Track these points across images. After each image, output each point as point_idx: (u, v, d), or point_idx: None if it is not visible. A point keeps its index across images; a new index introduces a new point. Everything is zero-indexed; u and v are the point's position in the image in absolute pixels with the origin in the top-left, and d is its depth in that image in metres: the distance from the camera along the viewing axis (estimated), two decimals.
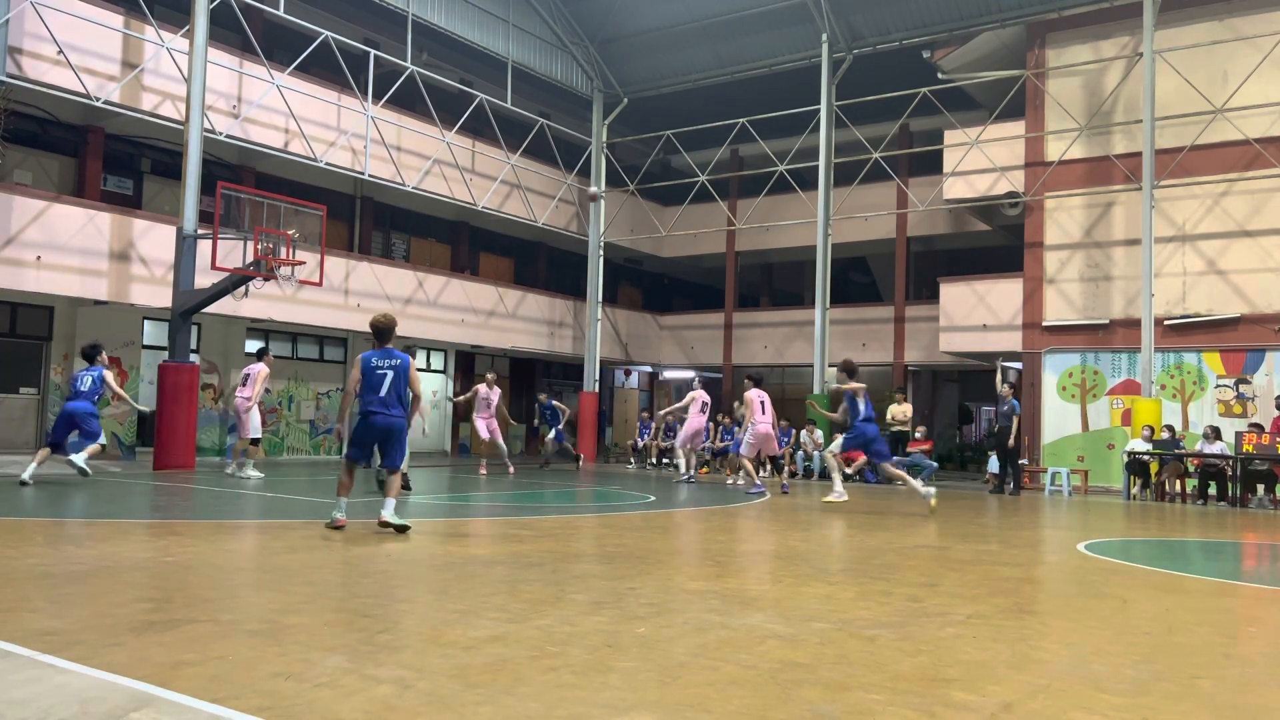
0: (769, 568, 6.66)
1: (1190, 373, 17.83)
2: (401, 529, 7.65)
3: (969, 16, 20.23)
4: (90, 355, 12.06)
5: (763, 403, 14.32)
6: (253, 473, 13.48)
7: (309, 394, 21.20)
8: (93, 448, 11.63)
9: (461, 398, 17.95)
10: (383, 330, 7.87)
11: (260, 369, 13.78)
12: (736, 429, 21.67)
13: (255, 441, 13.82)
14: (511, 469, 16.90)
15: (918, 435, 19.52)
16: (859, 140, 21.68)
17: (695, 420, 16.53)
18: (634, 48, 24.21)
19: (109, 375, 11.91)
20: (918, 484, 12.23)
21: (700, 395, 16.49)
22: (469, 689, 3.41)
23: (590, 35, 24.17)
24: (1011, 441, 16.01)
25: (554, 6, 23.53)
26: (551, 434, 19.86)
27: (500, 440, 16.62)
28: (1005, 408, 16.19)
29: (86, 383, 11.74)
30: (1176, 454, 15.82)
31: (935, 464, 19.17)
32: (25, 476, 11.26)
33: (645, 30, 23.58)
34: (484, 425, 16.50)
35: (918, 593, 5.78)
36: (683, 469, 17.11)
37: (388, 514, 7.69)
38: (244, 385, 13.84)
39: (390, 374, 7.70)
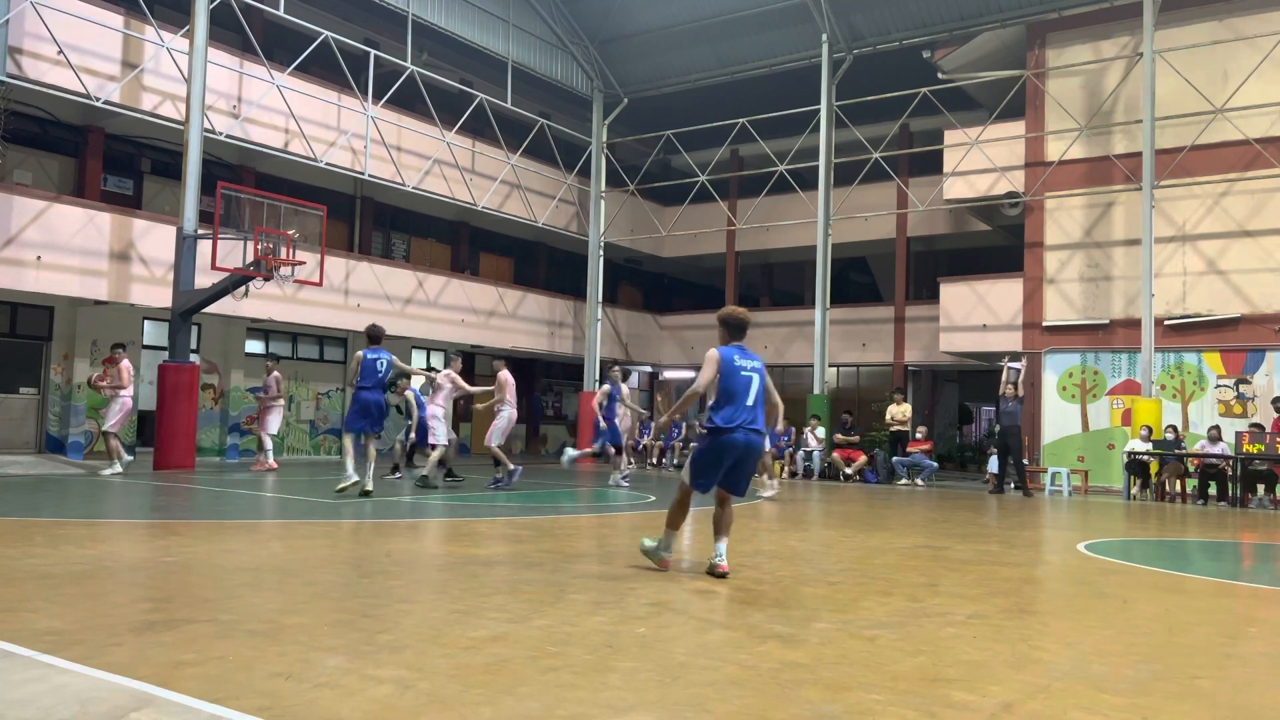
0: (769, 568, 6.66)
1: (1190, 373, 17.83)
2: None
3: (969, 16, 20.23)
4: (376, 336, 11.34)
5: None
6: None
7: (309, 394, 21.19)
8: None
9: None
10: (738, 325, 6.50)
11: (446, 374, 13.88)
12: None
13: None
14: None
15: (918, 435, 19.52)
16: (859, 140, 21.68)
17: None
18: (634, 48, 24.21)
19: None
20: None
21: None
22: (469, 689, 3.41)
23: (590, 35, 24.17)
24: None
25: (554, 6, 23.53)
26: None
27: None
28: (1010, 407, 16.16)
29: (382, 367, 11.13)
30: (1176, 454, 15.82)
31: (935, 464, 19.18)
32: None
33: (645, 30, 23.58)
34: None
35: (918, 593, 5.78)
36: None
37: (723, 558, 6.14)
38: (433, 392, 14.00)
39: (756, 378, 6.27)
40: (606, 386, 14.91)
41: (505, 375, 13.36)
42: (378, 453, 11.58)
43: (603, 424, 14.68)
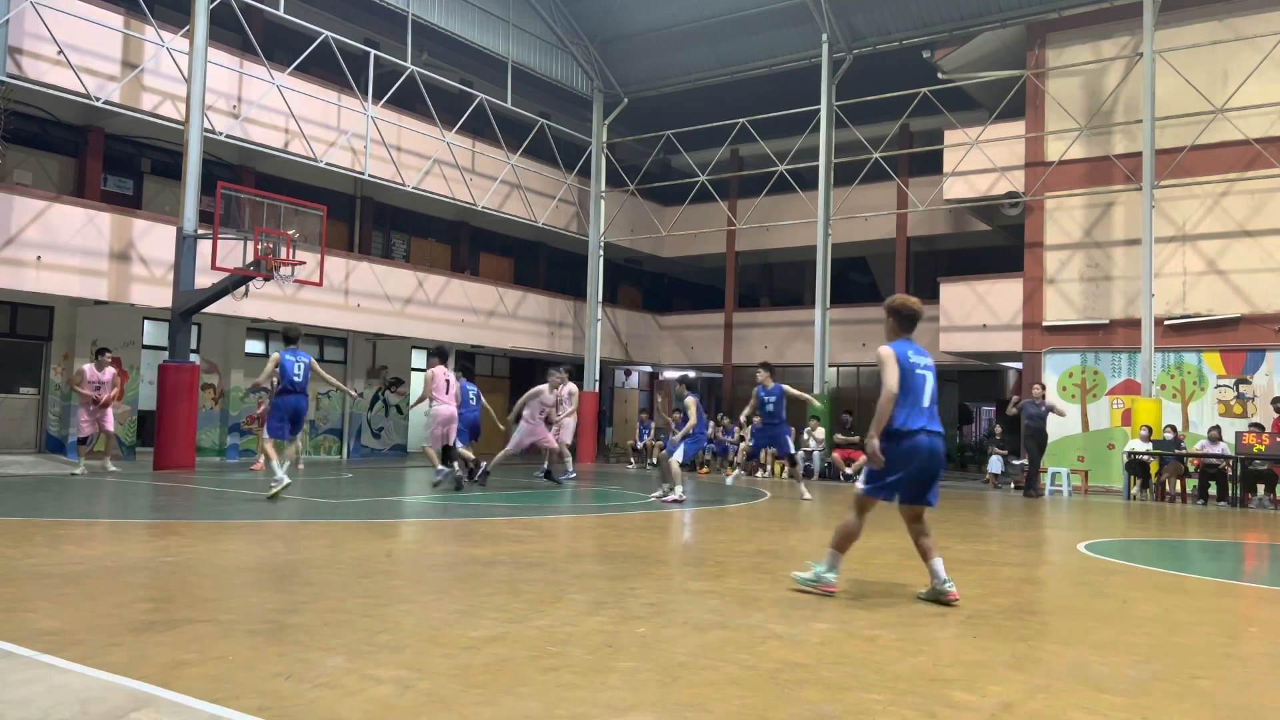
0: (769, 568, 6.66)
1: (1190, 373, 17.83)
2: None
3: (969, 16, 20.23)
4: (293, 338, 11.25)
5: (447, 381, 13.08)
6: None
7: (309, 394, 21.17)
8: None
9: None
10: (912, 316, 5.94)
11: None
12: (714, 427, 21.69)
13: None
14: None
15: None
16: (859, 140, 21.68)
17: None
18: (634, 48, 24.21)
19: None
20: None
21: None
22: (469, 689, 3.41)
23: (590, 35, 24.17)
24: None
25: (554, 6, 23.53)
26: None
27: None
28: (1043, 409, 15.92)
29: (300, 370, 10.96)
30: (1176, 454, 15.82)
31: None
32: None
33: (645, 30, 23.58)
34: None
35: (918, 592, 5.78)
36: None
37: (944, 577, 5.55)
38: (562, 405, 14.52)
39: (930, 376, 5.73)
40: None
41: (434, 370, 12.95)
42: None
43: (517, 424, 14.53)
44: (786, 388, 13.77)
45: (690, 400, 12.84)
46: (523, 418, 14.62)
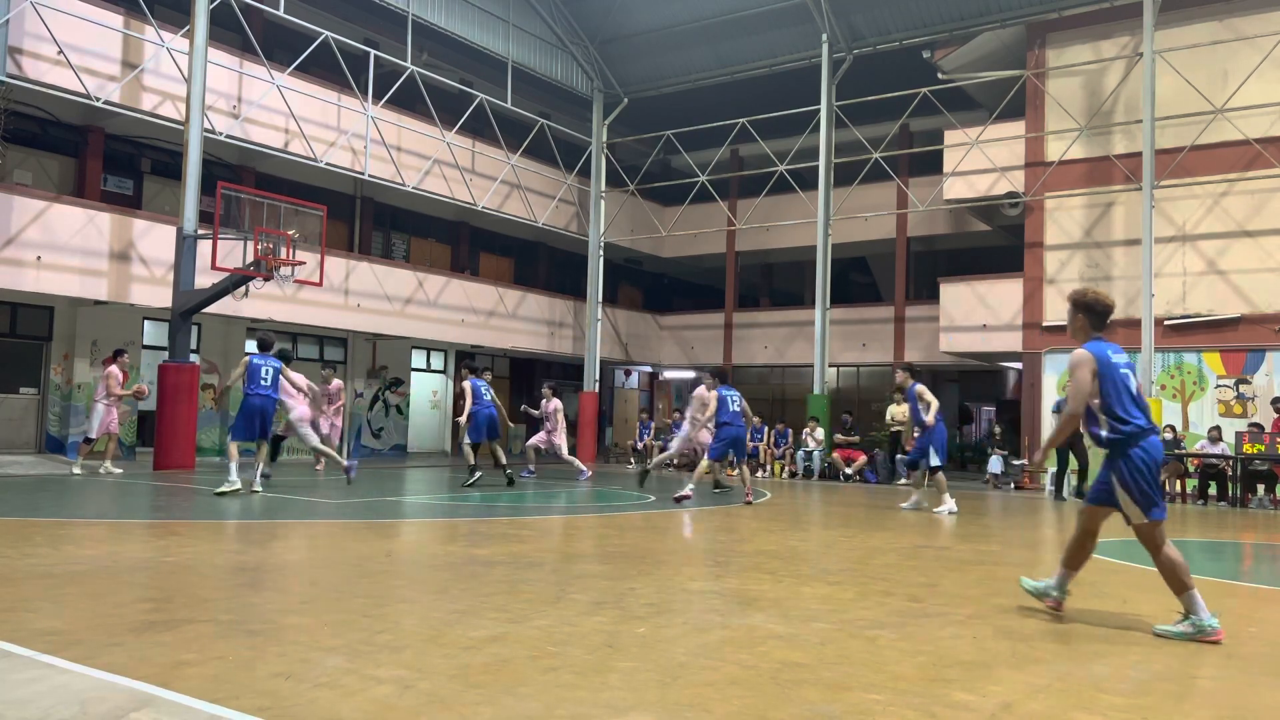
0: (769, 568, 6.66)
1: (1190, 373, 17.83)
2: None
3: (969, 16, 20.23)
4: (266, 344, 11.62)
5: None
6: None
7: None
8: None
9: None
10: (1106, 312, 5.23)
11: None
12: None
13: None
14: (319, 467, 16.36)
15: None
16: (859, 140, 21.68)
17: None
18: (634, 48, 24.21)
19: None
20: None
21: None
22: (469, 689, 3.41)
23: (590, 35, 24.17)
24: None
25: (554, 6, 23.53)
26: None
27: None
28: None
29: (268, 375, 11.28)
30: (1176, 454, 15.81)
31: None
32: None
33: (645, 30, 23.57)
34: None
35: (918, 593, 5.78)
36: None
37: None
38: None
39: (1131, 374, 5.17)
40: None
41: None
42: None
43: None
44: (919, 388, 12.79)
45: (712, 394, 12.92)
46: (685, 421, 15.39)
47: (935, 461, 12.00)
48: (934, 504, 12.06)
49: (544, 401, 16.65)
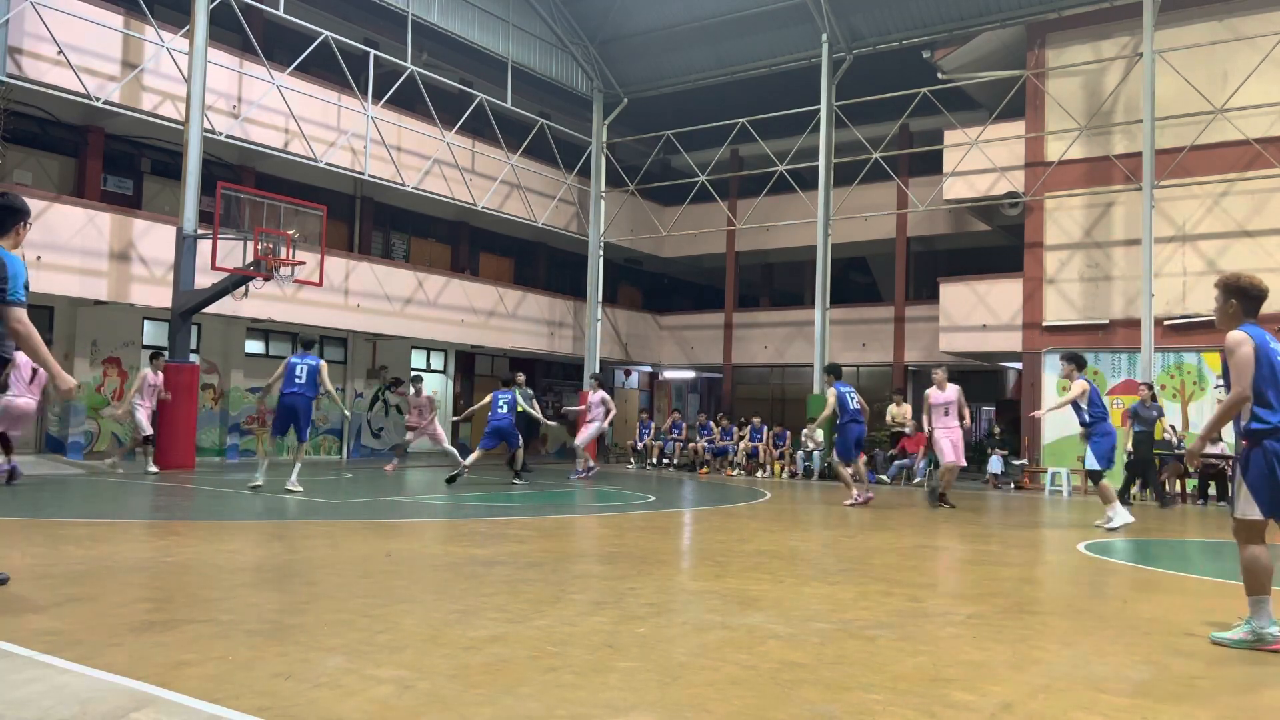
0: (769, 568, 6.66)
1: (1190, 373, 17.83)
2: None
3: (969, 16, 20.22)
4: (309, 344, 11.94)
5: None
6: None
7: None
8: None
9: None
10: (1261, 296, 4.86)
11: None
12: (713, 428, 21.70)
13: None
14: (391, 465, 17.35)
15: (906, 431, 19.51)
16: (859, 140, 21.67)
17: None
18: (634, 48, 24.21)
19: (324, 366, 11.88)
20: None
21: None
22: (469, 689, 3.41)
23: (590, 35, 24.17)
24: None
25: (554, 6, 23.53)
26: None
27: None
28: (1154, 412, 14.99)
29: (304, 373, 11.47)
30: (1176, 454, 15.81)
31: (922, 463, 19.10)
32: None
33: (645, 30, 23.57)
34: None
35: (918, 593, 5.78)
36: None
37: None
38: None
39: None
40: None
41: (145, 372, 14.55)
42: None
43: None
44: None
45: (830, 391, 13.03)
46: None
47: (1095, 466, 10.69)
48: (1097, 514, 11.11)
49: (590, 393, 17.35)
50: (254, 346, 20.20)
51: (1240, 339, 4.64)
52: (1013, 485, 18.39)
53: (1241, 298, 4.83)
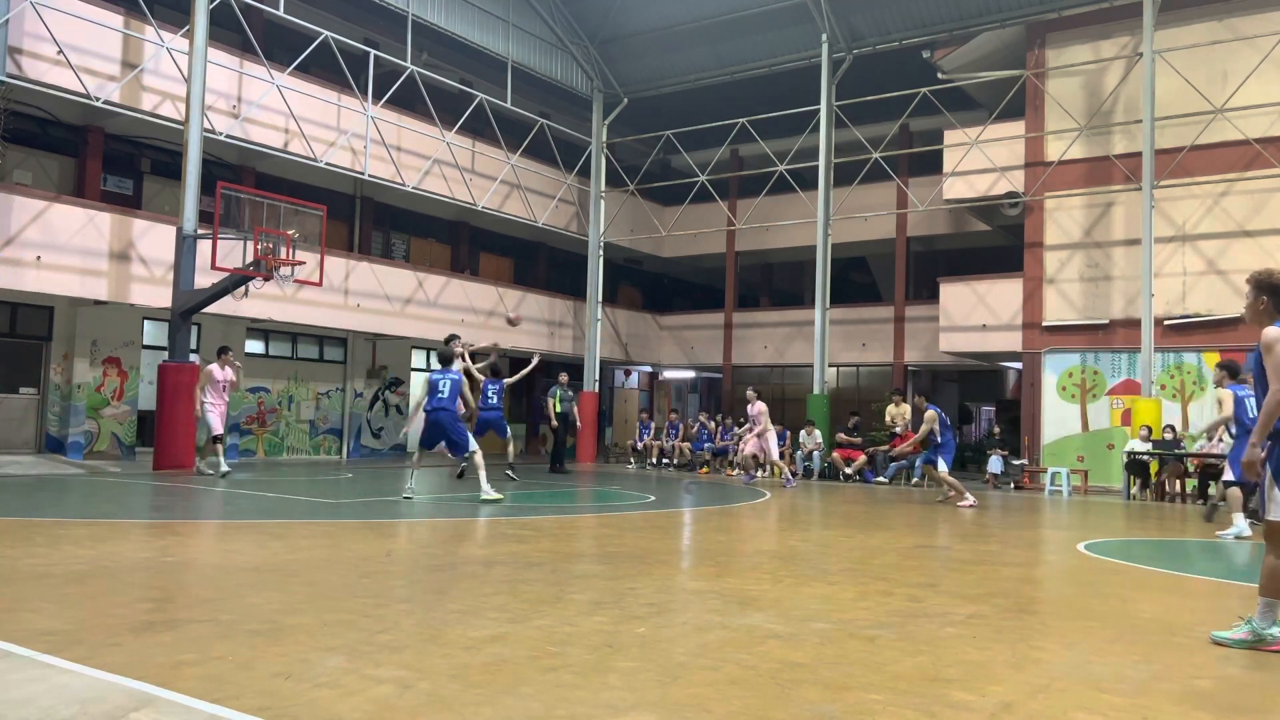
0: (769, 568, 6.66)
1: (1190, 373, 17.83)
2: None
3: (969, 16, 20.23)
4: (447, 358, 11.56)
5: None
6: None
7: (309, 394, 21.18)
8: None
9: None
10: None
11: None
12: (736, 429, 21.70)
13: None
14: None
15: (897, 431, 19.47)
16: (859, 140, 21.67)
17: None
18: (634, 48, 24.21)
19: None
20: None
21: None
22: (469, 689, 3.41)
23: (590, 35, 24.17)
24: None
25: (554, 6, 23.53)
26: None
27: None
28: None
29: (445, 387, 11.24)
30: (1176, 454, 15.81)
31: (903, 462, 19.07)
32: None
33: (645, 30, 23.57)
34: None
35: (918, 593, 5.78)
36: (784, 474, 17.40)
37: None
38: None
39: None
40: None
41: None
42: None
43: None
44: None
45: (930, 413, 13.53)
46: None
47: (1229, 476, 10.36)
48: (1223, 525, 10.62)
49: (749, 405, 17.36)
50: (254, 346, 20.20)
51: (1277, 335, 4.61)
52: (1012, 485, 18.39)
53: (1273, 294, 4.84)
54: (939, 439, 13.52)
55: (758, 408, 17.21)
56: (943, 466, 13.42)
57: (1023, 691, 3.63)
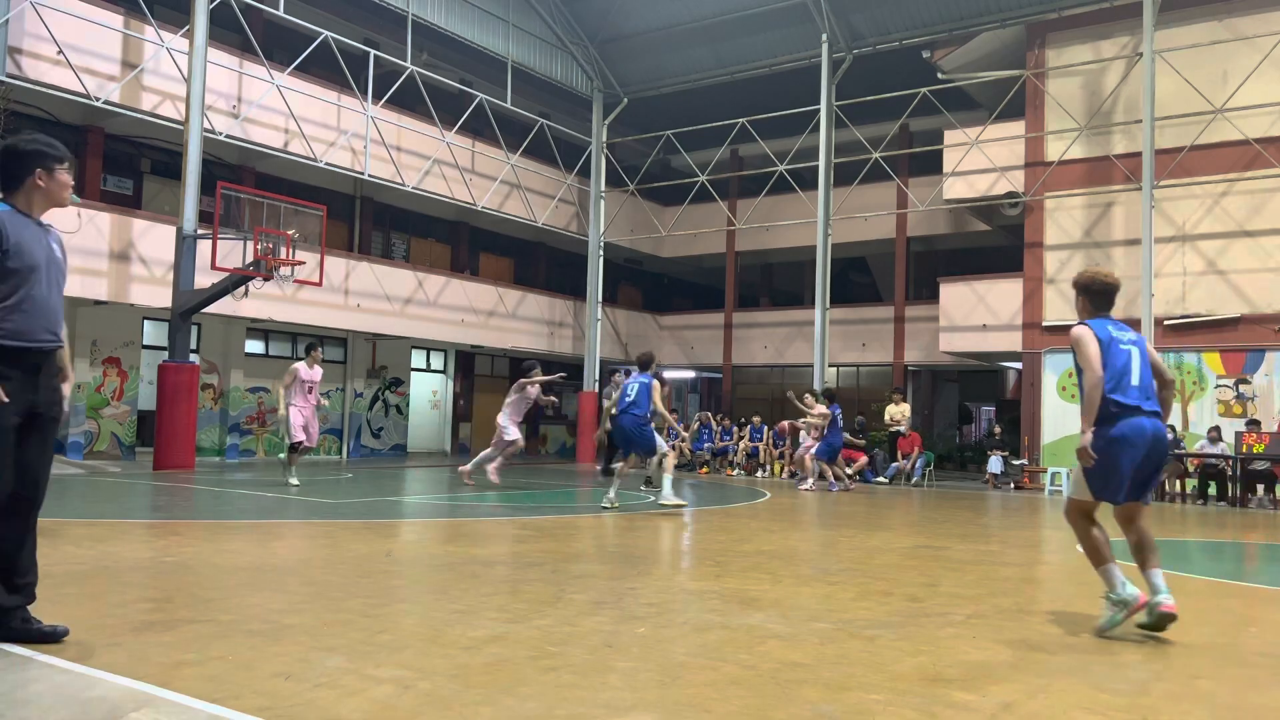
0: (769, 568, 6.66)
1: (1190, 373, 17.82)
2: None
3: (969, 16, 20.23)
4: (645, 364, 11.34)
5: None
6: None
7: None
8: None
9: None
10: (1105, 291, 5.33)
11: None
12: (736, 429, 21.71)
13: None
14: None
15: (901, 431, 19.48)
16: (859, 140, 21.67)
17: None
18: (634, 48, 24.21)
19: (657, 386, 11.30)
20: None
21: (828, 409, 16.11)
22: (469, 689, 3.41)
23: (590, 35, 24.17)
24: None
25: (554, 6, 23.53)
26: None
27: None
28: None
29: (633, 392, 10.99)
30: (1176, 454, 15.81)
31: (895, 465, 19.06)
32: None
33: (645, 30, 23.57)
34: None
35: (918, 593, 5.78)
36: (829, 479, 16.27)
37: None
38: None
39: (1136, 351, 5.09)
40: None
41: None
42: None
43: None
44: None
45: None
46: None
47: None
48: None
49: (821, 405, 16.17)
50: (254, 346, 20.21)
51: (1079, 334, 4.93)
52: (1012, 485, 18.39)
53: (1087, 294, 5.15)
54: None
55: (819, 410, 16.11)
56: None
57: (1023, 691, 3.63)
